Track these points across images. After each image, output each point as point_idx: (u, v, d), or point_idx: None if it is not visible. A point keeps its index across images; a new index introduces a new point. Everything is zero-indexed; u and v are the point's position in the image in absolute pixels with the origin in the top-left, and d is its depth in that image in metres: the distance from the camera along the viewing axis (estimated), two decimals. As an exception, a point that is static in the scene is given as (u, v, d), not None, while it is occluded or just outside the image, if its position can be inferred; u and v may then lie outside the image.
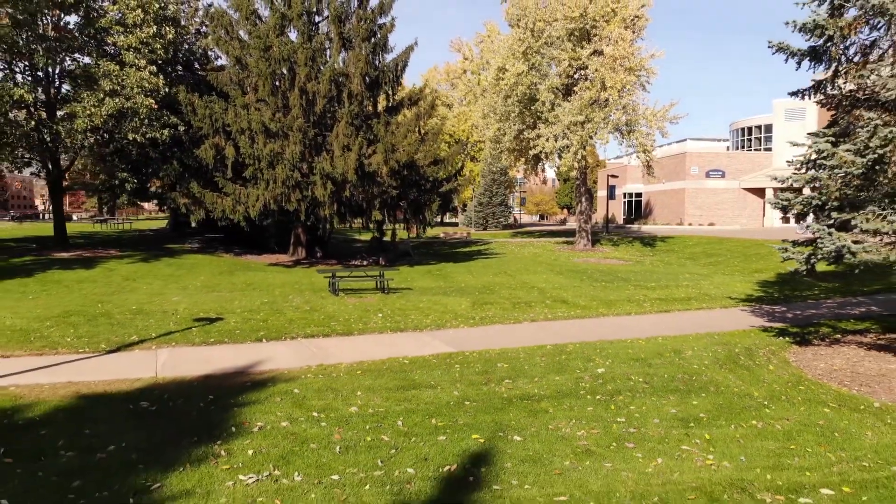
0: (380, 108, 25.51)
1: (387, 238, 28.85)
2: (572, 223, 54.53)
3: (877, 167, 7.97)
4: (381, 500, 4.76)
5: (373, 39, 23.70)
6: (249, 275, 19.97)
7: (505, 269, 22.97)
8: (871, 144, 7.87)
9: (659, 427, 6.45)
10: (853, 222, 8.31)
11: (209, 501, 4.76)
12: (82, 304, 13.52)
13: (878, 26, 8.42)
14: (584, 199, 33.95)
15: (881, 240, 8.97)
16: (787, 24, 8.81)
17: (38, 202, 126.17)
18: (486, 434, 6.11)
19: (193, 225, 34.22)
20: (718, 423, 6.64)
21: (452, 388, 7.70)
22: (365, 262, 25.40)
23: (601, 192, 58.75)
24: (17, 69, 22.61)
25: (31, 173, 25.47)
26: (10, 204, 78.31)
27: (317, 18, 24.38)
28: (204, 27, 28.92)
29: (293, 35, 23.84)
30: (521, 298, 16.00)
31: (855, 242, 8.32)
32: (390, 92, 25.14)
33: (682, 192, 46.31)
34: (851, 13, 8.96)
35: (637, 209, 54.94)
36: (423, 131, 24.60)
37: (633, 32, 30.69)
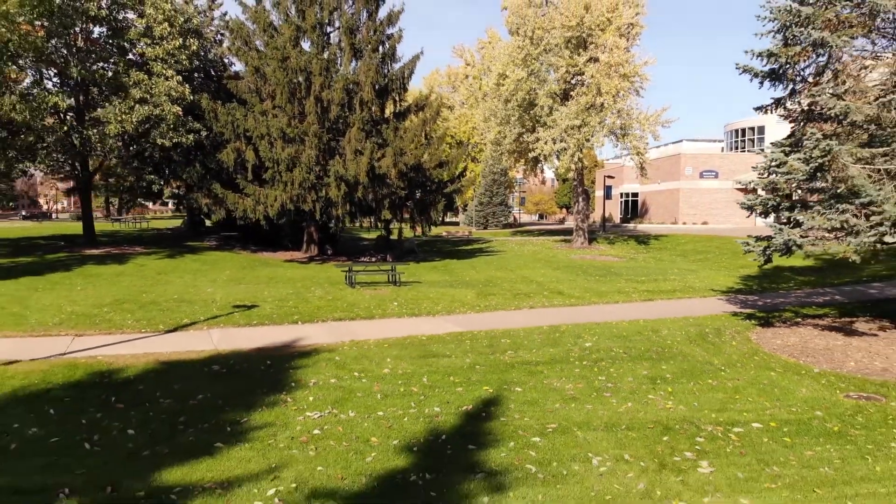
0: (387, 113, 27.06)
1: (393, 236, 30.38)
2: (571, 222, 56.08)
3: (818, 174, 9.54)
4: (417, 427, 6.34)
5: (381, 49, 25.26)
6: (269, 270, 21.53)
7: (505, 265, 24.52)
8: (813, 155, 9.44)
9: (632, 383, 8.03)
10: (800, 220, 9.89)
11: (287, 429, 6.33)
12: (128, 294, 15.08)
13: (822, 55, 9.99)
14: (580, 200, 35.53)
15: (834, 235, 10.54)
16: (746, 52, 10.38)
17: (41, 201, 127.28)
18: (494, 387, 7.69)
19: (208, 224, 35.81)
20: (680, 382, 8.22)
21: (465, 356, 9.29)
22: (373, 259, 26.93)
23: (599, 192, 60.31)
24: (48, 77, 24.16)
25: (62, 176, 26.97)
26: (17, 204, 79.83)
27: (328, 29, 25.93)
28: (219, 35, 30.49)
29: (306, 45, 25.42)
30: (520, 290, 17.56)
31: (802, 237, 9.89)
32: (397, 98, 26.71)
33: (677, 192, 47.86)
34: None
35: (634, 208, 56.50)
36: (428, 135, 26.16)
37: (628, 40, 32.26)
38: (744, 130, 57.61)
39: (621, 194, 58.01)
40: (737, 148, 56.82)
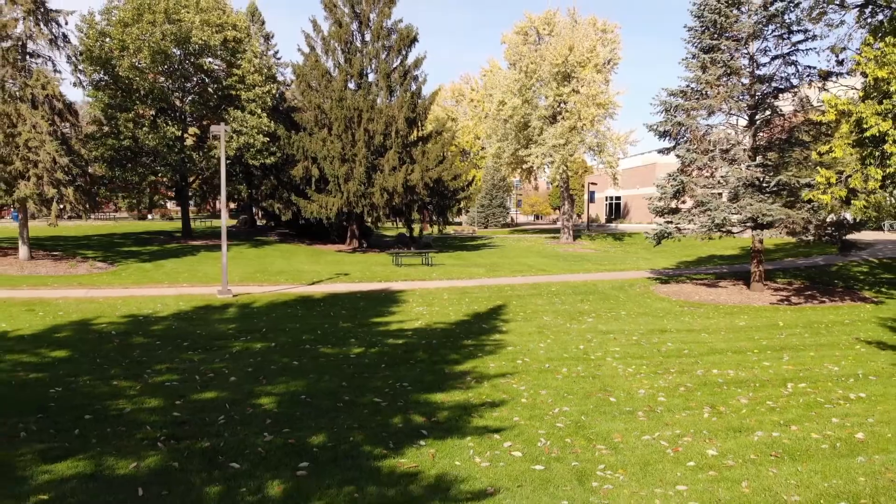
0: (412, 136, 34.87)
1: (414, 233, 38.16)
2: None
3: (678, 193, 17.40)
4: (469, 310, 14.21)
5: (409, 92, 33.11)
6: (331, 256, 29.34)
7: (505, 255, 32.37)
8: (675, 184, 17.30)
9: (571, 301, 15.92)
10: (673, 220, 17.76)
11: (411, 311, 14.17)
12: (257, 268, 22.84)
13: (684, 129, 17.82)
14: (566, 203, 43.43)
15: (699, 228, 18.36)
16: (644, 124, 18.22)
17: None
18: (502, 301, 15.59)
19: (258, 223, 43.61)
20: (597, 301, 16.09)
21: (485, 293, 17.19)
22: (401, 250, 34.75)
23: (587, 196, 68.19)
24: (162, 109, 31.86)
25: (166, 186, 34.82)
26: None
27: (367, 71, 33.77)
28: (274, 70, 38.22)
29: (351, 85, 33.24)
30: (517, 269, 25.40)
31: (674, 228, 17.76)
32: (420, 124, 34.56)
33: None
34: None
35: (617, 210, 64.44)
36: (445, 155, 34.01)
37: (605, 74, 40.23)
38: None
39: (606, 197, 65.91)
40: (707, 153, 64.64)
